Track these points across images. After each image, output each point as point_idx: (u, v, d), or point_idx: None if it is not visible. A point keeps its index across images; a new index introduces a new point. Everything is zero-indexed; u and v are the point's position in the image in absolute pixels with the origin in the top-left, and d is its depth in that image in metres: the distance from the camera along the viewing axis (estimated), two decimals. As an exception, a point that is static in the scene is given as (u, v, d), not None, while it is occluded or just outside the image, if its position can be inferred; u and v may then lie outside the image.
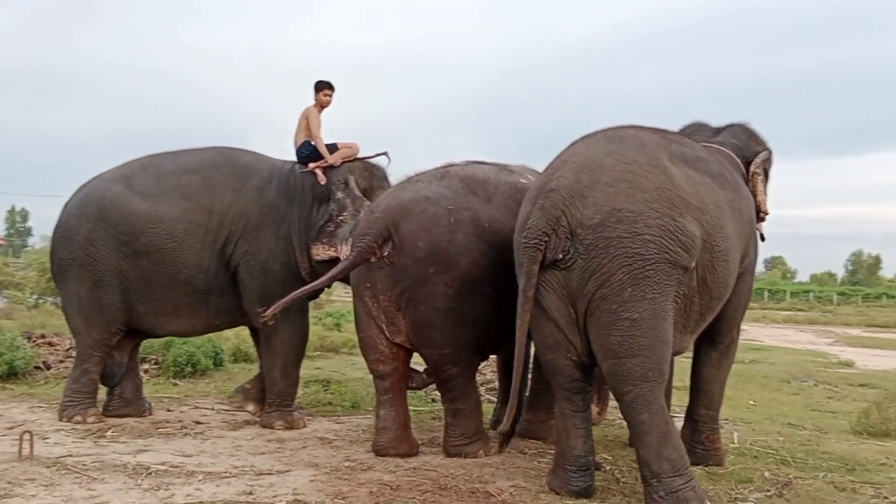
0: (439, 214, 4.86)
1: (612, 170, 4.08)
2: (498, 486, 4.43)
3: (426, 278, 4.79)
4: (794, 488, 4.47)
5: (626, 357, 3.92)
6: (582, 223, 3.98)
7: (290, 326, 5.89)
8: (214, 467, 4.67)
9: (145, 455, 4.90)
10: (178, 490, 4.17)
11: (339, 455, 5.08)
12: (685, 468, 3.97)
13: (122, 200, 5.80)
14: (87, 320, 5.88)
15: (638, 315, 3.91)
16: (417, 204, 4.92)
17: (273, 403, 5.96)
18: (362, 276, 5.00)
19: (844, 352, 14.63)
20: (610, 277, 3.92)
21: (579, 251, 3.98)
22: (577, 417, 4.30)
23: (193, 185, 5.89)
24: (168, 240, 5.75)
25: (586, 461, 4.28)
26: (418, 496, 4.18)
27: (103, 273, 5.78)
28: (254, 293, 5.87)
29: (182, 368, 7.91)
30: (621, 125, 4.55)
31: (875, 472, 5.01)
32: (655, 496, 3.92)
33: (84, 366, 5.94)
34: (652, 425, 3.94)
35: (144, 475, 4.41)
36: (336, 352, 10.70)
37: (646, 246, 3.90)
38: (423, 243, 4.81)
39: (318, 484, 4.36)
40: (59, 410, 5.88)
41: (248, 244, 5.86)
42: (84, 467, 4.52)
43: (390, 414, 5.10)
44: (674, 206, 4.01)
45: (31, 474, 4.31)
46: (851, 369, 11.66)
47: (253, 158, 6.23)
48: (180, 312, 5.95)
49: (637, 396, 3.93)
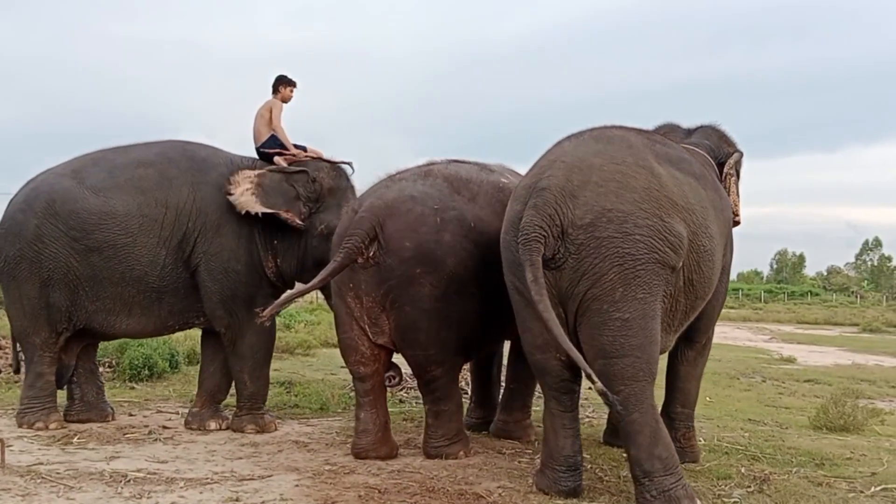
0: (426, 214, 4.82)
1: (602, 170, 4.10)
2: (485, 487, 4.42)
3: (413, 278, 4.74)
4: (772, 484, 4.57)
5: (617, 357, 3.95)
6: (573, 223, 3.99)
7: (256, 328, 5.65)
8: (193, 473, 4.56)
9: (119, 462, 4.75)
10: (161, 498, 4.05)
11: (318, 458, 5.00)
12: (676, 467, 4.02)
13: (72, 195, 5.58)
14: (35, 321, 5.65)
15: (629, 315, 3.94)
16: (403, 203, 4.87)
17: (244, 407, 5.83)
18: (345, 276, 4.90)
19: (783, 348, 15.12)
20: (601, 277, 3.94)
21: (570, 251, 3.99)
22: (566, 417, 4.32)
23: (149, 178, 5.66)
24: (122, 235, 5.53)
25: (575, 461, 4.30)
26: (407, 499, 4.15)
27: (52, 270, 5.55)
28: (216, 295, 5.70)
29: (139, 371, 7.70)
30: (606, 125, 4.58)
31: (843, 466, 5.15)
32: (647, 495, 3.96)
33: (37, 369, 5.72)
34: (643, 425, 3.98)
35: (123, 483, 4.27)
36: (291, 353, 10.55)
37: (636, 246, 3.94)
38: (410, 243, 4.77)
39: (303, 489, 4.29)
40: (17, 417, 5.66)
41: (208, 244, 5.66)
42: (59, 476, 4.36)
43: (371, 416, 5.04)
44: (662, 206, 4.05)
45: (4, 484, 4.14)
46: (794, 365, 12.04)
47: (210, 153, 6.02)
48: (132, 312, 5.71)
49: (628, 396, 3.96)
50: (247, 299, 5.71)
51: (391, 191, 4.99)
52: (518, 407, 5.79)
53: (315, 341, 11.47)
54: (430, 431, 5.08)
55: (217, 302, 5.71)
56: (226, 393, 6.15)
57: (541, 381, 4.45)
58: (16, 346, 6.07)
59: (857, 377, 10.57)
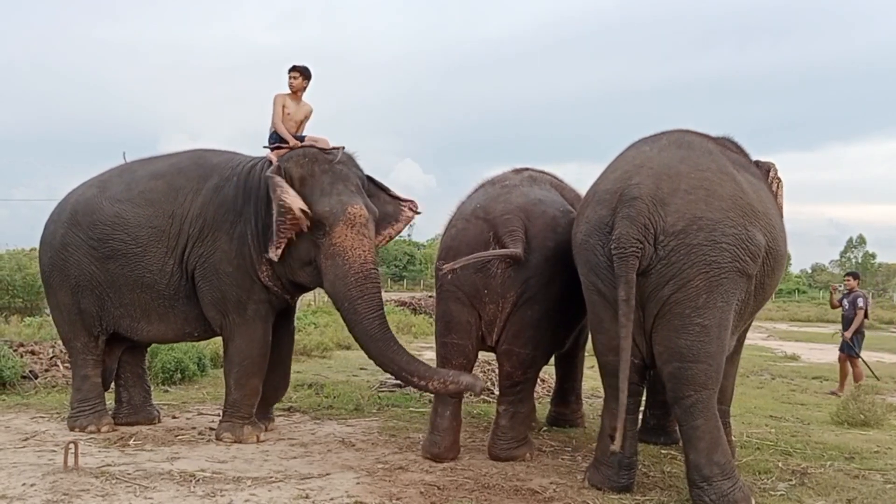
0: (556, 216, 5.11)
1: (689, 177, 4.20)
2: (538, 483, 4.60)
3: (551, 278, 4.96)
4: (812, 477, 4.79)
5: (692, 362, 4.09)
6: (665, 230, 4.09)
7: (246, 333, 5.56)
8: (256, 473, 4.72)
9: (181, 462, 4.91)
10: (235, 496, 4.21)
11: (368, 457, 5.17)
12: (733, 471, 4.17)
13: (92, 206, 5.76)
14: (73, 325, 5.86)
15: (708, 322, 4.08)
16: (535, 206, 5.13)
17: (224, 413, 5.71)
18: (476, 281, 4.97)
19: (783, 346, 15.38)
20: (687, 283, 4.06)
21: (660, 256, 4.10)
22: (627, 419, 4.43)
23: (158, 190, 5.71)
24: (132, 244, 5.62)
25: (631, 461, 4.46)
26: (467, 495, 4.33)
27: (78, 277, 5.74)
28: (207, 296, 5.60)
29: (171, 375, 7.87)
30: (678, 129, 4.68)
31: (872, 459, 5.38)
32: (706, 498, 4.08)
33: (81, 372, 5.89)
34: (706, 431, 4.12)
35: (193, 482, 4.44)
36: (308, 355, 10.71)
37: (721, 255, 4.06)
38: (552, 243, 4.99)
39: (365, 486, 4.46)
40: (69, 421, 5.81)
41: (202, 246, 5.57)
42: (130, 476, 4.52)
43: (453, 420, 5.15)
44: (745, 214, 4.16)
45: (82, 485, 4.30)
46: (799, 363, 12.34)
47: (224, 159, 5.88)
48: (150, 318, 5.79)
49: (696, 402, 4.10)
50: (237, 302, 5.54)
51: (516, 195, 5.22)
52: (571, 399, 6.27)
53: (330, 343, 11.62)
54: (501, 433, 5.16)
55: (208, 302, 5.61)
56: (277, 397, 6.23)
57: (608, 381, 4.53)
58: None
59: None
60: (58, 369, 7.76)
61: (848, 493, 4.49)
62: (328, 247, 5.21)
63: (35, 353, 7.95)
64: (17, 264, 15.55)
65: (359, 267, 5.18)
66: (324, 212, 5.20)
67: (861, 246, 69.95)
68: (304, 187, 5.31)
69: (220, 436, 5.58)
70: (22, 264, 15.58)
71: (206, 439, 5.62)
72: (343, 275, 5.19)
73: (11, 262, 15.66)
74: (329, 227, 5.20)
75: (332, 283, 5.24)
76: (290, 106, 5.74)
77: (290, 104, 5.74)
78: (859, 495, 4.46)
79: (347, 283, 5.18)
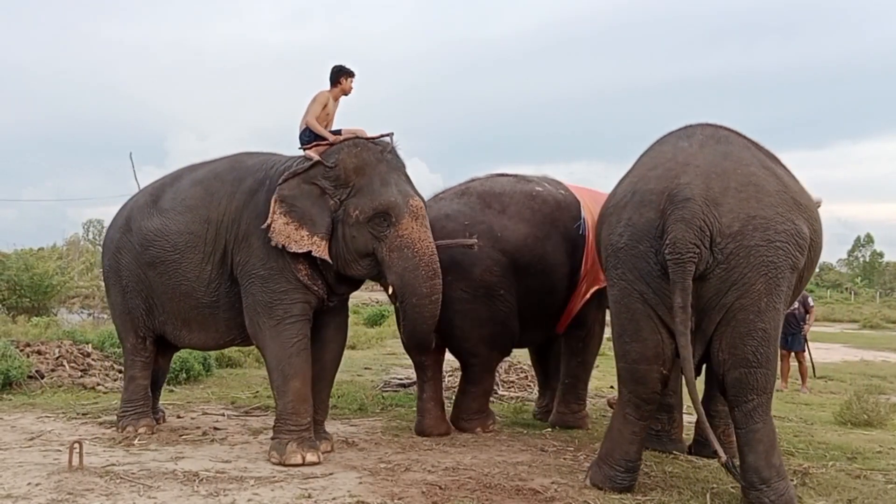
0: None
1: (737, 174, 4.08)
2: (539, 483, 4.62)
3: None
4: (813, 477, 4.80)
5: (757, 367, 4.02)
6: (721, 231, 3.97)
7: (279, 335, 5.17)
8: (259, 472, 4.75)
9: (185, 462, 4.95)
10: (238, 495, 4.24)
11: (371, 457, 5.19)
12: (784, 472, 4.18)
13: (142, 212, 5.80)
14: (123, 325, 5.99)
15: (769, 325, 4.01)
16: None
17: (273, 430, 5.26)
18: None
19: (787, 345, 15.30)
20: (750, 287, 3.96)
21: (719, 260, 3.98)
22: (639, 426, 4.44)
23: (196, 196, 5.63)
24: (171, 251, 5.56)
25: (635, 465, 4.48)
26: (468, 495, 4.34)
27: (128, 280, 5.83)
28: (246, 302, 5.32)
29: (176, 375, 7.91)
30: (706, 123, 4.53)
31: (874, 459, 5.40)
32: (766, 500, 4.06)
33: (129, 373, 6.02)
34: (764, 434, 4.11)
35: (197, 482, 4.47)
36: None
37: (777, 253, 3.97)
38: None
39: (367, 485, 4.49)
40: (116, 420, 5.95)
41: (241, 252, 5.35)
42: (134, 476, 4.55)
43: (429, 403, 6.04)
44: (791, 209, 4.07)
45: (86, 484, 4.33)
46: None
47: (259, 160, 5.66)
48: (190, 326, 5.70)
49: (757, 406, 4.07)
50: (266, 306, 5.20)
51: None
52: (574, 400, 6.31)
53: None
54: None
55: (246, 308, 5.33)
56: (322, 412, 5.64)
57: (632, 388, 4.41)
58: None
59: (867, 373, 10.83)
60: (64, 369, 7.79)
61: (849, 494, 4.50)
62: (394, 238, 5.08)
63: (41, 353, 7.99)
64: (24, 264, 15.54)
65: (428, 259, 5.12)
66: (389, 202, 5.08)
67: (869, 245, 69.60)
68: (361, 176, 5.17)
69: (269, 456, 5.12)
70: (29, 264, 15.62)
71: (210, 439, 5.66)
72: (413, 267, 5.08)
73: (19, 262, 15.64)
74: (395, 218, 5.08)
75: (400, 275, 5.11)
76: (331, 107, 5.64)
77: (331, 105, 5.63)
78: (860, 495, 4.47)
79: (418, 275, 5.08)
